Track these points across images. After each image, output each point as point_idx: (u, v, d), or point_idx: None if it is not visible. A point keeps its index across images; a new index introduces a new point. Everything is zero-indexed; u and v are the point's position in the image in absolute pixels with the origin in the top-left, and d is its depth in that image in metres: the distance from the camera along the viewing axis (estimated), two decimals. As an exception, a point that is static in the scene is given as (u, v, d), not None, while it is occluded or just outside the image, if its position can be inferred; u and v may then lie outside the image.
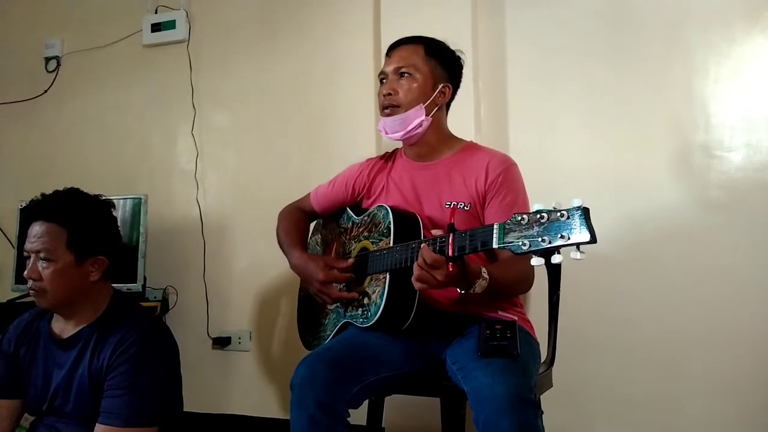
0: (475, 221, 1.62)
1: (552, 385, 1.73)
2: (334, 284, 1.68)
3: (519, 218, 1.17)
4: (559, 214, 1.11)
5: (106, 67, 2.98)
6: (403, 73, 1.70)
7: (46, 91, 3.05)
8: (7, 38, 3.18)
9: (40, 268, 1.52)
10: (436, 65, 1.71)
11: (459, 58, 1.77)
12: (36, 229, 1.54)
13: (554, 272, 1.79)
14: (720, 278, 2.07)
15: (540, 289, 1.78)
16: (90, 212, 1.59)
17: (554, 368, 1.75)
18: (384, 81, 1.74)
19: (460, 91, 1.80)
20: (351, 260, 1.68)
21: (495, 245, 1.21)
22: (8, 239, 2.96)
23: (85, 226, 1.56)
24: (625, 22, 2.25)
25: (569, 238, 1.09)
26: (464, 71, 1.79)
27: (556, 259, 1.12)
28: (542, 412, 1.36)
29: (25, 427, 1.65)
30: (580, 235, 1.08)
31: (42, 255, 1.51)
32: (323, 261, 1.71)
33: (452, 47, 1.76)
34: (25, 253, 1.55)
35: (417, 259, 1.36)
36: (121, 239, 1.74)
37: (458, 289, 1.41)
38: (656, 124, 2.18)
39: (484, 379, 1.31)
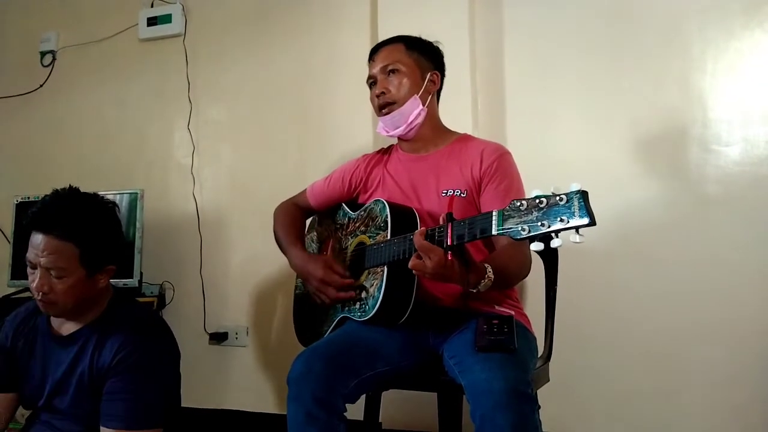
0: (472, 208, 1.62)
1: (549, 380, 1.73)
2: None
3: (518, 204, 1.17)
4: (558, 198, 1.11)
5: (101, 62, 2.97)
6: (391, 70, 1.74)
7: (41, 86, 3.04)
8: (2, 32, 3.17)
9: (50, 282, 1.46)
10: (419, 56, 1.76)
11: (438, 47, 1.82)
12: (44, 243, 1.45)
13: (552, 267, 1.78)
14: (717, 272, 2.08)
15: (537, 283, 1.78)
16: (101, 226, 1.53)
17: (551, 362, 1.75)
18: (373, 84, 1.77)
19: (456, 85, 1.80)
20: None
21: (494, 232, 1.21)
22: (4, 234, 2.95)
23: (98, 242, 1.50)
24: (624, 15, 2.24)
25: (568, 222, 1.09)
26: (461, 65, 1.81)
27: (555, 243, 1.12)
28: (539, 407, 1.36)
29: (20, 423, 1.64)
30: (580, 218, 1.08)
31: (54, 273, 1.46)
32: (323, 260, 1.71)
33: (430, 39, 1.80)
34: (29, 264, 1.48)
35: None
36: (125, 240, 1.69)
37: (461, 287, 1.39)
38: (654, 118, 2.18)
39: (482, 374, 1.31)
